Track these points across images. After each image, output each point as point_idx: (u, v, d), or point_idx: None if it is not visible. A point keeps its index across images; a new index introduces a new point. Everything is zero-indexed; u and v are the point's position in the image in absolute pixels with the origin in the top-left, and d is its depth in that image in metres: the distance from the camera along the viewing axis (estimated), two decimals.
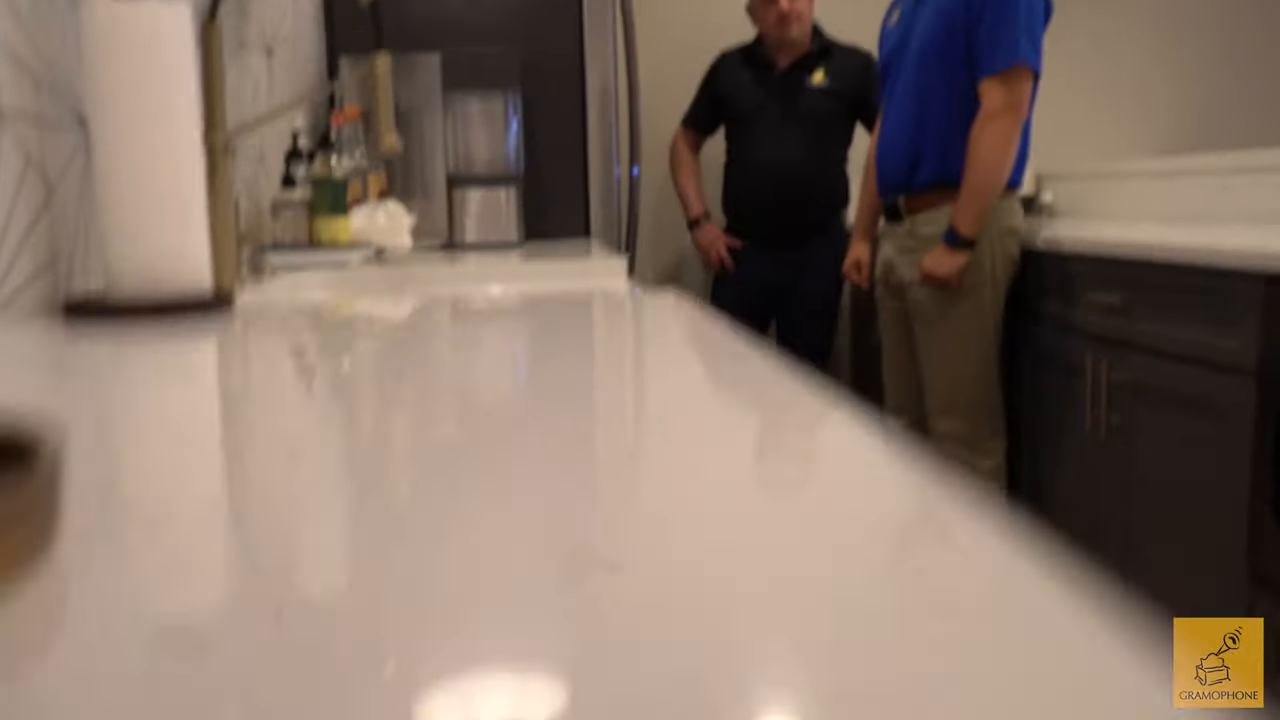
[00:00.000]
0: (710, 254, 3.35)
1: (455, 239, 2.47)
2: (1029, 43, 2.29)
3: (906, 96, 2.44)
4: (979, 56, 2.31)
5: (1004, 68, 2.28)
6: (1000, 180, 2.33)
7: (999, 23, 2.28)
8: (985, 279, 2.41)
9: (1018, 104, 2.31)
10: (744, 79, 3.26)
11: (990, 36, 2.28)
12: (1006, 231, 2.43)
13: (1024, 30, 2.28)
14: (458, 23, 2.69)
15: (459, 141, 2.47)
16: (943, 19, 2.36)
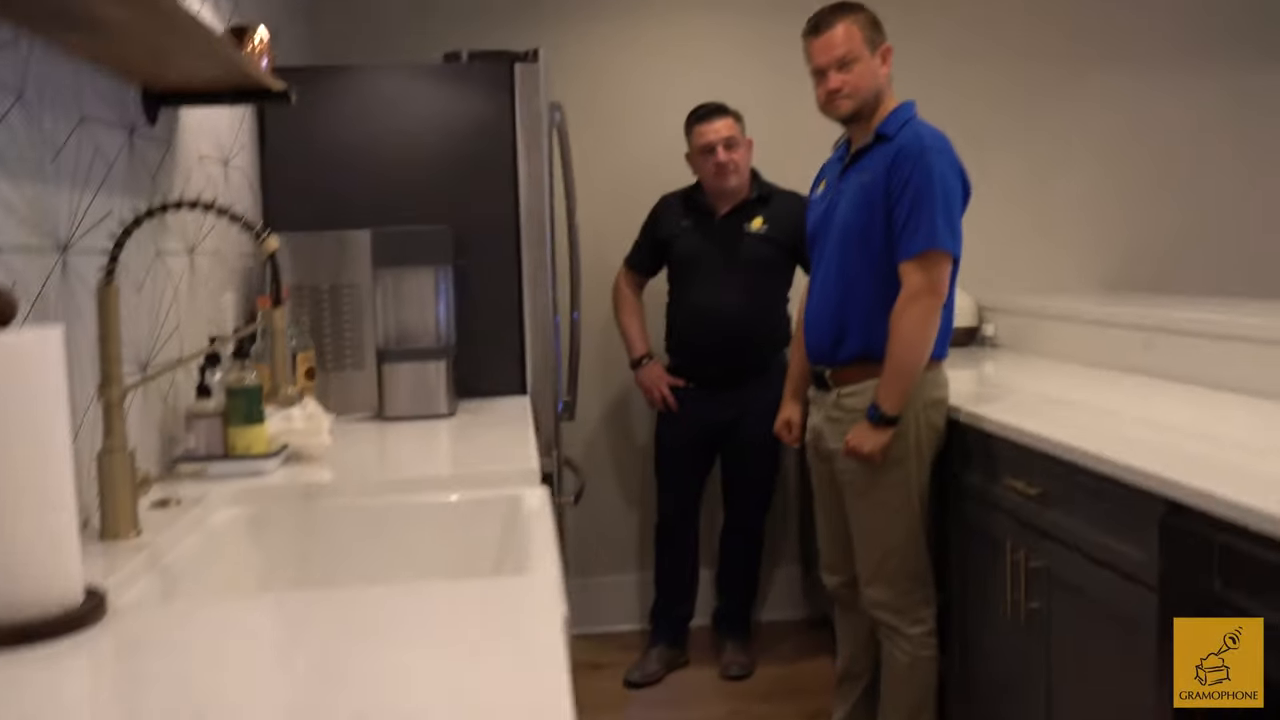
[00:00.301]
0: (652, 394, 3.38)
1: (385, 411, 2.48)
2: (946, 227, 2.33)
3: (831, 271, 2.48)
4: (898, 239, 2.35)
5: (921, 251, 2.33)
6: (920, 359, 2.37)
7: (917, 207, 2.32)
8: (910, 451, 2.43)
9: (936, 287, 2.35)
10: (684, 224, 3.31)
11: (908, 221, 2.33)
12: (931, 404, 2.46)
13: (941, 215, 2.32)
14: (392, 194, 2.72)
15: (389, 316, 2.49)
16: (864, 199, 2.40)
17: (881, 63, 2.44)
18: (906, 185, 2.33)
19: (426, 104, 2.76)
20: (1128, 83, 3.91)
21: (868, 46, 2.42)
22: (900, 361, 2.35)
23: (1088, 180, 3.92)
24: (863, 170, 2.43)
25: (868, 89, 2.42)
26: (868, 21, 2.44)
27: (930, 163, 2.33)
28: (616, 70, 3.73)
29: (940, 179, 2.33)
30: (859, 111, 2.44)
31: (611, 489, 3.83)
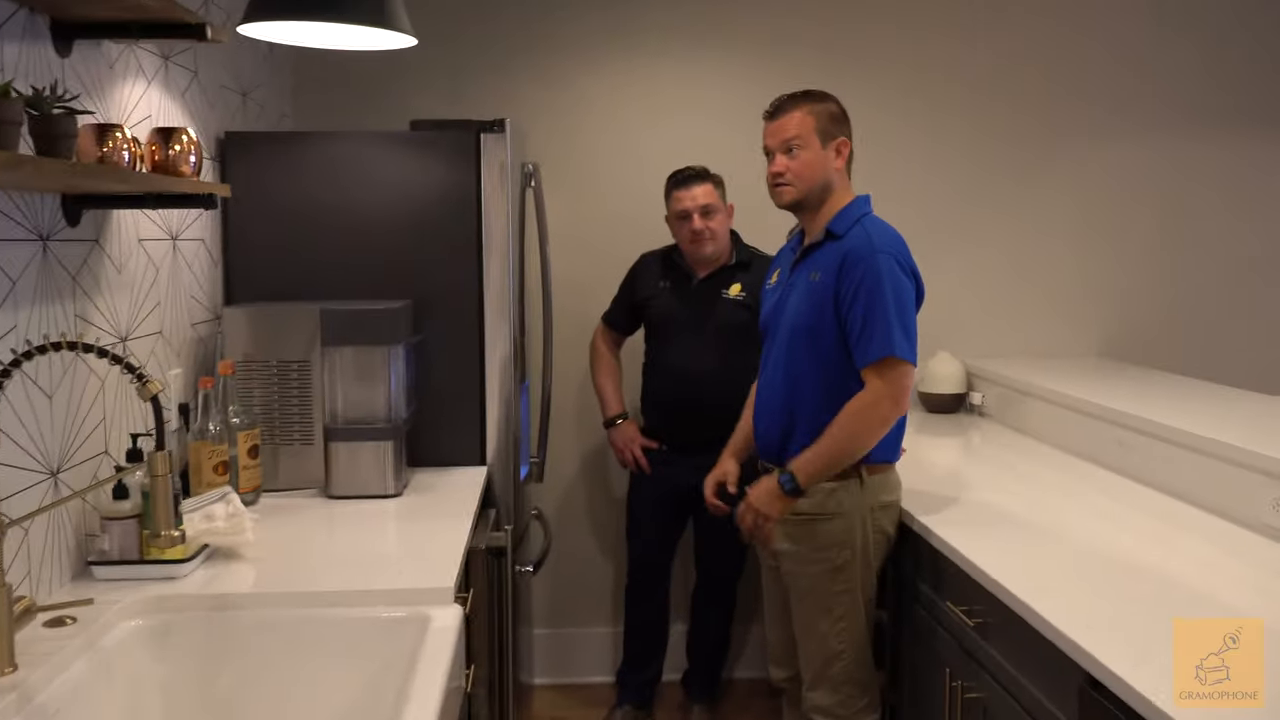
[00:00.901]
0: (625, 455, 3.33)
1: (330, 489, 2.46)
2: (902, 334, 2.26)
3: (779, 367, 2.42)
4: (853, 346, 2.29)
5: (877, 359, 2.26)
6: (852, 454, 2.31)
7: (870, 314, 2.26)
8: (856, 556, 2.37)
9: (896, 395, 2.28)
10: (662, 285, 3.25)
11: (863, 329, 2.26)
12: (880, 508, 2.40)
13: (895, 321, 2.26)
14: (357, 262, 2.70)
15: (337, 394, 2.46)
16: (813, 299, 2.34)
17: (835, 155, 2.37)
18: (857, 291, 2.27)
19: (393, 172, 2.72)
20: (1128, 146, 3.78)
21: (819, 137, 2.35)
22: (835, 444, 2.29)
23: (1085, 243, 3.80)
24: (812, 268, 2.37)
25: (813, 179, 2.35)
26: (827, 113, 2.37)
27: (879, 267, 2.26)
28: (595, 126, 3.66)
29: (891, 283, 2.26)
30: (802, 201, 2.38)
31: (586, 540, 3.80)
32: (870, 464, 2.37)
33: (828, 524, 2.37)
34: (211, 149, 2.63)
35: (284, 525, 2.25)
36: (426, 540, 2.18)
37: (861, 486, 2.37)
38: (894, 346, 2.25)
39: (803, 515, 2.39)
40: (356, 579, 1.91)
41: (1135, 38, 3.75)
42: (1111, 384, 3.25)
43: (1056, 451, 3.02)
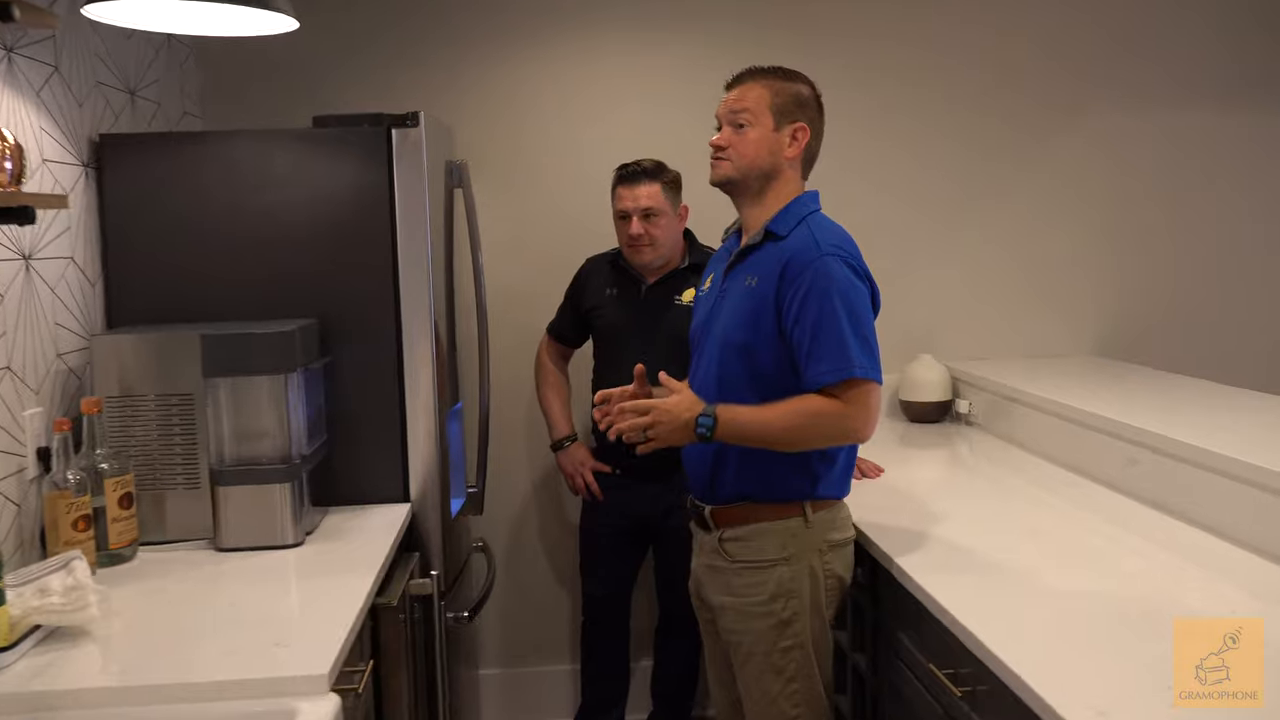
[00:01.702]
0: (575, 480, 3.01)
1: (219, 540, 2.14)
2: (861, 349, 1.94)
3: (708, 387, 2.07)
4: (801, 366, 1.97)
5: (834, 383, 1.94)
6: (788, 445, 1.98)
7: (821, 329, 1.93)
8: (805, 608, 2.05)
9: (866, 417, 1.95)
10: (609, 293, 2.94)
11: (812, 346, 1.94)
12: (830, 548, 2.08)
13: (850, 335, 1.93)
14: (255, 278, 2.38)
15: (224, 431, 2.14)
16: (748, 310, 2.02)
17: (789, 141, 2.06)
18: (805, 300, 1.94)
19: (295, 174, 2.40)
20: (1127, 124, 3.47)
21: (774, 115, 2.04)
22: (778, 425, 1.95)
23: (1079, 232, 3.49)
24: (749, 272, 2.05)
25: (755, 160, 2.04)
26: (791, 93, 2.06)
27: (829, 270, 1.94)
28: (536, 119, 3.34)
29: (842, 289, 1.94)
30: (737, 182, 2.07)
31: (541, 570, 3.48)
32: (816, 499, 2.06)
33: (769, 572, 2.05)
34: (82, 153, 2.30)
35: (153, 589, 1.93)
36: (319, 604, 1.86)
37: (807, 525, 2.05)
38: (852, 365, 1.92)
39: (740, 563, 2.08)
40: (218, 664, 1.59)
41: (1131, 10, 3.44)
42: (1115, 389, 2.95)
43: (1055, 467, 2.71)
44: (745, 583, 2.08)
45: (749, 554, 2.06)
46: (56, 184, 2.18)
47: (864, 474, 2.67)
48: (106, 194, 2.36)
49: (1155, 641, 1.61)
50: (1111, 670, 1.54)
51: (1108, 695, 1.44)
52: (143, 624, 1.77)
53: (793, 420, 1.96)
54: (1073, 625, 1.72)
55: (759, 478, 2.06)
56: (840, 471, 2.09)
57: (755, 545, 2.06)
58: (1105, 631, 1.68)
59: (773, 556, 2.05)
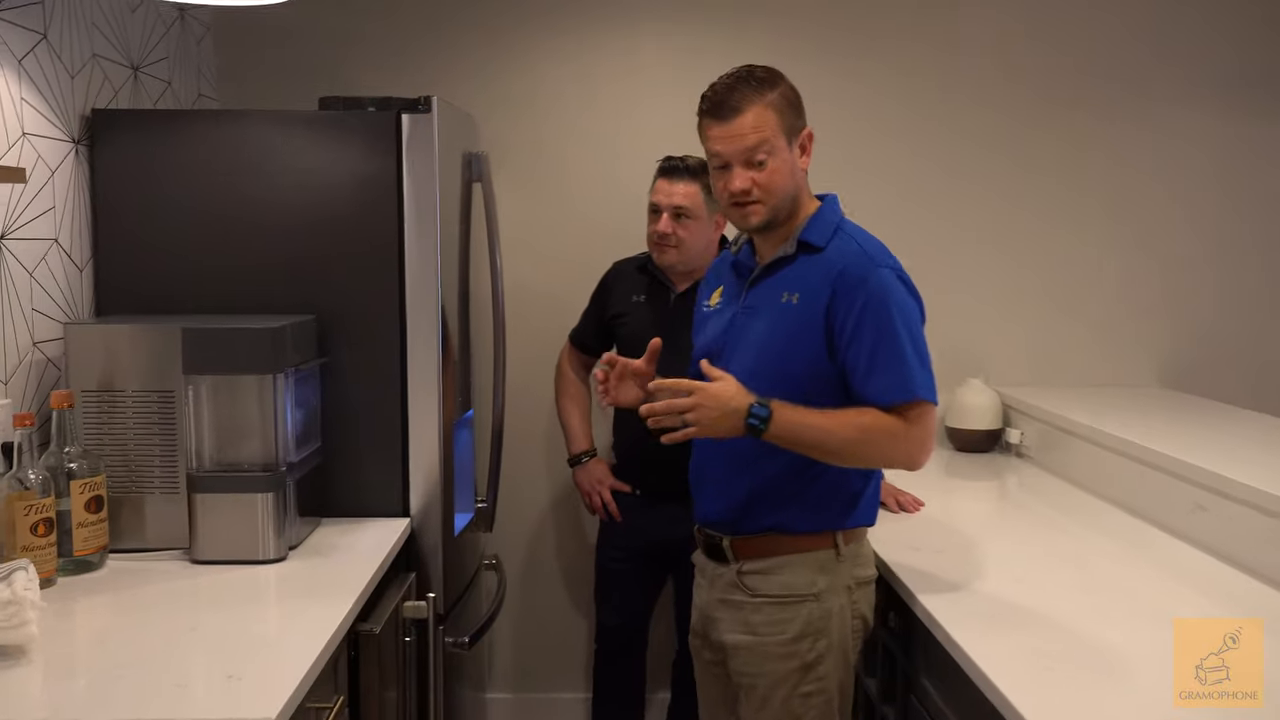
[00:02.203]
0: (592, 499, 2.82)
1: (195, 553, 1.97)
2: (922, 371, 1.78)
3: None
4: (856, 385, 1.79)
5: (901, 401, 1.76)
6: (840, 457, 1.79)
7: (880, 349, 1.76)
8: (832, 649, 1.85)
9: (925, 442, 1.79)
10: (637, 299, 2.74)
11: (871, 367, 1.77)
12: (858, 584, 1.90)
13: (912, 356, 1.77)
14: (251, 270, 2.22)
15: (205, 433, 1.98)
16: (790, 329, 1.83)
17: (801, 153, 1.86)
18: (861, 318, 1.77)
19: (297, 159, 2.23)
20: (1186, 133, 3.19)
21: (786, 136, 1.82)
22: (839, 433, 1.75)
23: (1142, 250, 3.23)
24: (785, 288, 1.85)
25: (784, 191, 1.83)
26: (786, 101, 1.83)
27: (887, 287, 1.78)
28: (562, 113, 3.16)
29: (901, 309, 1.78)
30: (772, 220, 1.86)
31: (558, 593, 3.29)
32: (849, 528, 1.88)
33: (797, 608, 1.86)
34: (72, 128, 2.15)
35: (114, 604, 1.77)
36: (290, 629, 1.69)
37: (838, 558, 1.86)
38: (915, 387, 1.76)
39: (763, 597, 1.87)
40: (159, 699, 1.41)
41: (1203, 6, 3.18)
42: (1182, 425, 2.70)
43: (1113, 509, 2.46)
44: (767, 620, 1.87)
45: (773, 588, 1.86)
46: (40, 159, 2.03)
47: (902, 507, 2.45)
48: (98, 173, 2.21)
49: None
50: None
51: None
52: (90, 646, 1.61)
53: (855, 432, 1.76)
54: (1121, 697, 1.49)
55: (798, 507, 1.86)
56: (872, 496, 1.91)
57: (781, 579, 1.86)
58: (1156, 703, 1.45)
59: (801, 591, 1.86)
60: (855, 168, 3.02)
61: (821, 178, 1.95)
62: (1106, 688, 1.52)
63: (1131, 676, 1.55)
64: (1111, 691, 1.51)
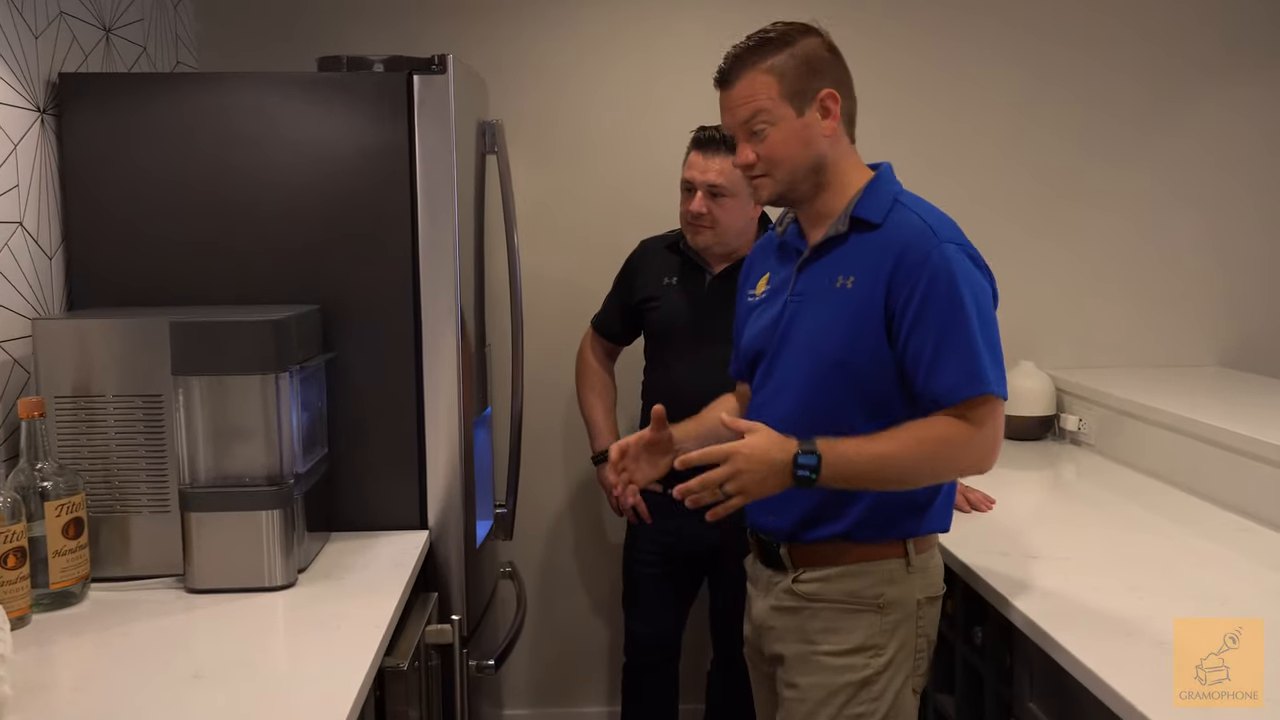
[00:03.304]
0: (620, 500, 2.58)
1: (190, 580, 1.72)
2: (992, 361, 1.57)
3: (797, 415, 1.63)
4: (918, 376, 1.58)
5: (969, 397, 1.55)
6: (900, 483, 1.60)
7: (947, 336, 1.55)
8: (893, 666, 1.65)
9: (992, 444, 1.59)
10: (669, 281, 2.50)
11: (936, 355, 1.56)
12: (928, 600, 1.70)
13: (983, 344, 1.56)
14: (244, 254, 1.97)
15: (196, 443, 1.72)
16: (849, 316, 1.61)
17: (821, 116, 1.63)
18: (926, 304, 1.56)
19: (295, 128, 1.98)
20: (1255, 97, 2.98)
21: (789, 101, 1.61)
22: (901, 457, 1.55)
23: (1210, 220, 3.01)
24: (839, 271, 1.64)
25: (792, 162, 1.63)
26: (793, 64, 1.61)
27: (954, 267, 1.57)
28: (587, 78, 2.90)
29: (971, 289, 1.57)
30: (786, 194, 1.66)
31: (578, 601, 3.05)
32: (920, 536, 1.68)
33: (858, 618, 1.66)
34: (37, 95, 1.88)
35: (100, 645, 1.52)
36: (307, 674, 1.44)
37: (908, 569, 1.67)
38: (987, 381, 1.56)
39: (822, 602, 1.67)
40: None
41: None
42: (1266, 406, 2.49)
43: (1202, 502, 2.25)
44: (824, 627, 1.67)
45: (835, 594, 1.67)
46: (0, 131, 1.76)
47: (974, 506, 2.23)
48: (67, 146, 1.95)
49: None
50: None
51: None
52: (75, 702, 1.36)
53: (918, 450, 1.56)
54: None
55: (865, 515, 1.65)
56: (946, 498, 1.71)
57: (843, 586, 1.66)
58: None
59: (867, 599, 1.66)
60: (893, 139, 2.78)
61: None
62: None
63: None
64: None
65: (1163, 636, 1.54)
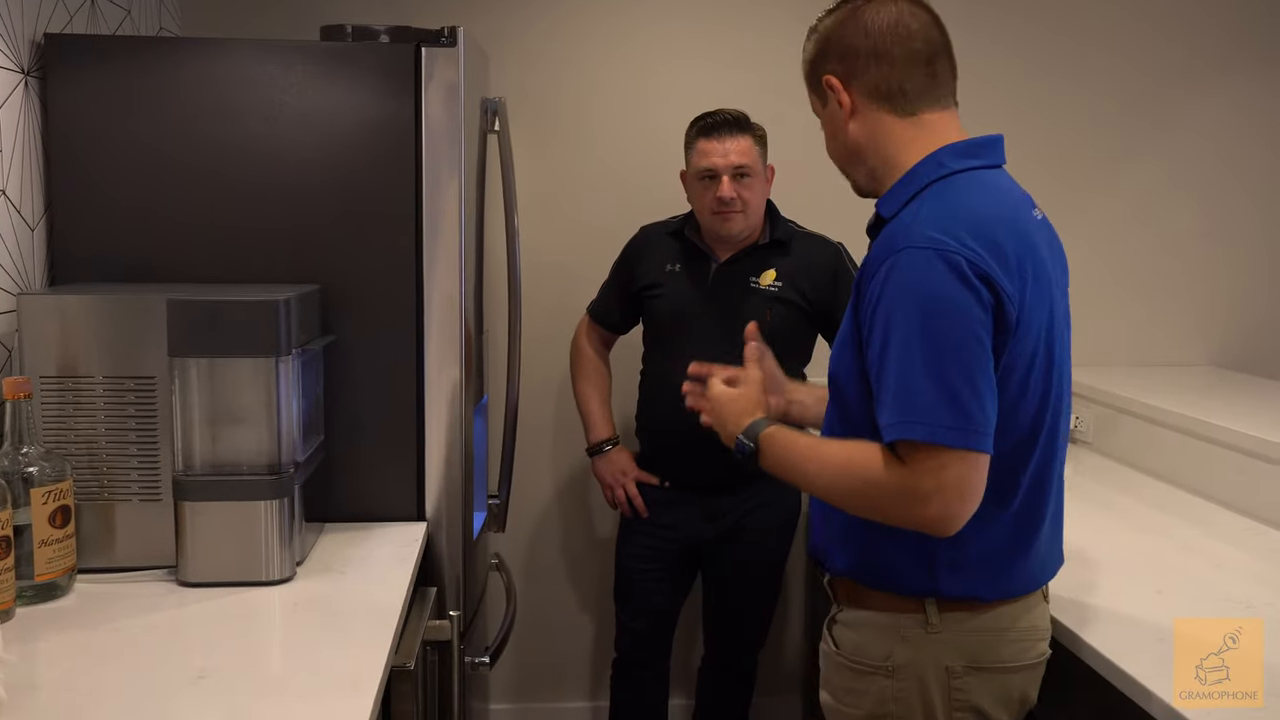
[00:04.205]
0: (615, 492, 2.52)
1: (184, 573, 1.63)
2: (940, 400, 1.27)
3: (827, 426, 1.53)
4: (876, 405, 1.35)
5: (896, 440, 1.30)
6: (834, 503, 1.42)
7: (886, 357, 1.32)
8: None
9: (935, 499, 1.28)
10: (672, 269, 2.43)
11: (878, 379, 1.34)
12: (970, 669, 1.43)
13: (922, 373, 1.28)
14: (240, 231, 1.87)
15: (193, 428, 1.63)
16: (843, 330, 1.47)
17: (835, 104, 1.50)
18: (874, 319, 1.34)
19: (295, 99, 1.88)
20: (1250, 94, 2.98)
21: (816, 94, 1.53)
22: (816, 473, 1.41)
23: (1204, 218, 3.01)
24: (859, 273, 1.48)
25: (834, 154, 1.54)
26: (808, 53, 1.52)
27: (906, 277, 1.31)
28: (585, 55, 2.83)
29: (924, 306, 1.29)
30: (858, 187, 1.55)
31: (564, 594, 2.99)
32: (945, 598, 1.42)
33: (869, 680, 1.47)
34: (21, 56, 1.77)
35: (85, 644, 1.42)
36: (316, 679, 1.36)
37: (927, 630, 1.43)
38: (917, 423, 1.28)
39: (844, 656, 1.51)
40: None
41: None
42: (1266, 405, 2.49)
43: (1208, 504, 2.24)
44: (844, 686, 1.51)
45: (850, 647, 1.50)
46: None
47: None
48: (52, 112, 1.83)
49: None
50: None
51: None
52: (64, 704, 1.27)
53: (838, 478, 1.38)
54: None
55: (860, 551, 1.48)
56: (986, 561, 1.41)
57: (859, 639, 1.49)
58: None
59: (873, 661, 1.47)
60: None
61: None
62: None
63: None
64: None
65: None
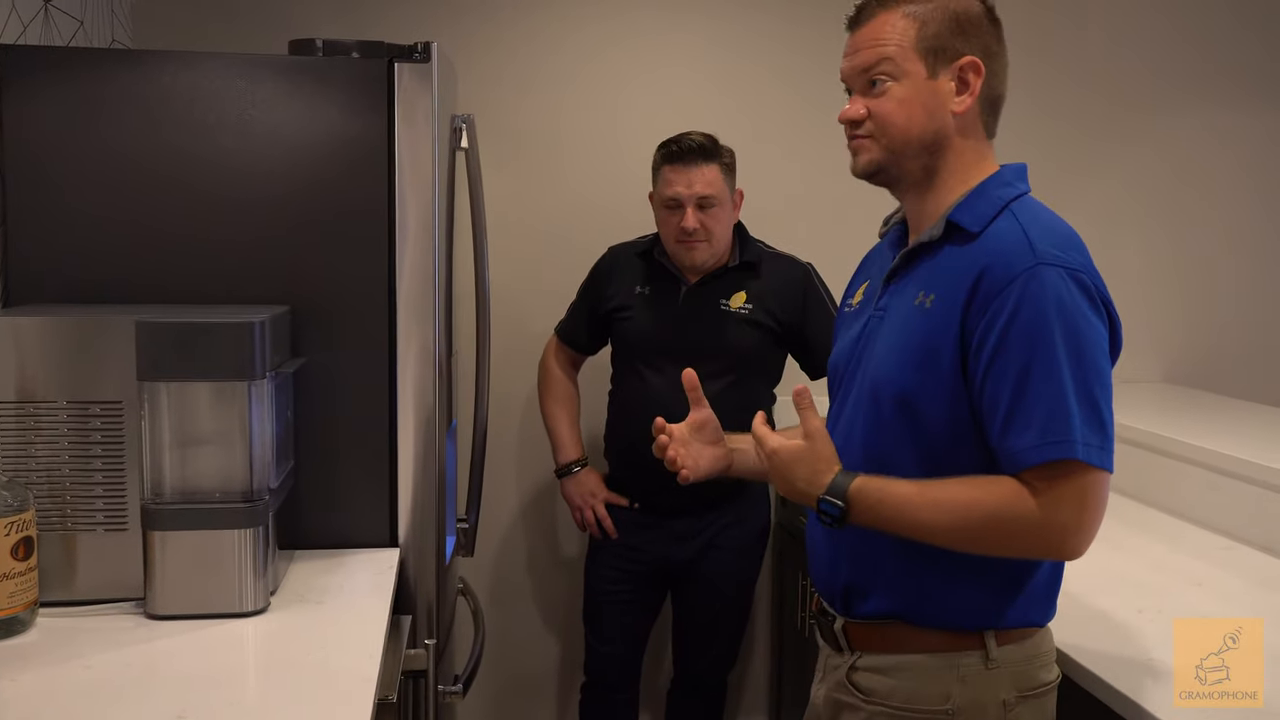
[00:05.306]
0: (584, 513, 2.49)
1: (152, 605, 1.57)
2: (1087, 416, 1.26)
3: (850, 450, 1.41)
4: (993, 429, 1.31)
5: (1044, 461, 1.26)
6: (949, 546, 1.33)
7: (1029, 379, 1.26)
8: None
9: (1081, 521, 1.27)
10: (641, 291, 2.42)
11: (1014, 402, 1.28)
12: (1022, 698, 1.39)
13: (1073, 395, 1.26)
14: (206, 251, 1.82)
15: (162, 454, 1.57)
16: (920, 341, 1.36)
17: (956, 88, 1.37)
18: (1006, 337, 1.28)
19: (263, 115, 1.83)
20: (1200, 123, 3.06)
21: (924, 57, 1.36)
22: (938, 521, 1.31)
23: (1149, 243, 3.07)
24: (922, 286, 1.39)
25: (907, 129, 1.38)
26: (945, 16, 1.37)
27: (1047, 293, 1.27)
28: (552, 72, 2.81)
29: (1068, 325, 1.27)
30: (888, 166, 1.40)
31: (529, 617, 2.95)
32: (1003, 628, 1.38)
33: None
34: None
35: (54, 685, 1.36)
36: (305, 718, 1.31)
37: (987, 665, 1.37)
38: (1072, 442, 1.25)
39: (880, 705, 1.41)
40: None
41: (1209, 7, 3.04)
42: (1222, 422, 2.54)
43: (1173, 519, 2.27)
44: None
45: (893, 695, 1.40)
46: None
47: None
48: (6, 125, 1.76)
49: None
50: None
51: None
52: None
53: (965, 519, 1.31)
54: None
55: (927, 588, 1.39)
56: (1045, 584, 1.40)
57: (906, 685, 1.40)
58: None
59: (930, 705, 1.38)
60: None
61: None
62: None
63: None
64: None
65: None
